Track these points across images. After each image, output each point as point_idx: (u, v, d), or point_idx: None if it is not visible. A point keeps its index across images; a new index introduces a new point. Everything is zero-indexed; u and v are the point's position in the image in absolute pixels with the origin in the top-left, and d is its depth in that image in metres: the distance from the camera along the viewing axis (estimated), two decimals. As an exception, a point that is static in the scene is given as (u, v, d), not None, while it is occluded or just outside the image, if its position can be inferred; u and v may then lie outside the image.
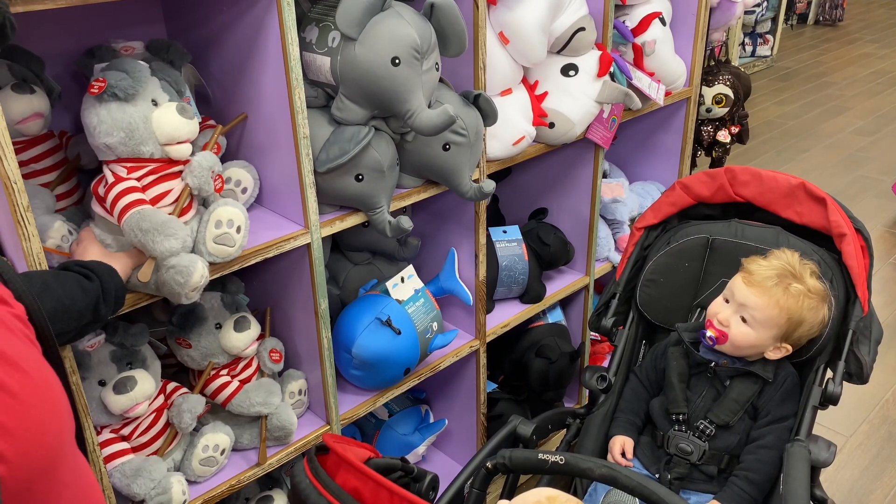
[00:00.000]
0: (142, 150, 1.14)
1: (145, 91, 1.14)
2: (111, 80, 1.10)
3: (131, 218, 1.10)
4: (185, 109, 1.17)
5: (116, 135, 1.12)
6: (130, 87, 1.11)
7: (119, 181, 1.12)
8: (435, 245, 1.81)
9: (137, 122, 1.12)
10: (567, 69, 1.75)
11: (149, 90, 1.15)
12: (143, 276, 1.11)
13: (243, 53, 1.32)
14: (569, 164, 1.99)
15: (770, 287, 1.39)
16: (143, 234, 1.08)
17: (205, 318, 1.42)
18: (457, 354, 1.78)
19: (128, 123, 1.12)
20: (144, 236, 1.09)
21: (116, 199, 1.11)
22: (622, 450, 1.52)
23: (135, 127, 1.12)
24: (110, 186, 1.12)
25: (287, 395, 1.53)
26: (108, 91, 1.10)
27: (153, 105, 1.15)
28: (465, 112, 1.47)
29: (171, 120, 1.14)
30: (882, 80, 5.93)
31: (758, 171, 1.61)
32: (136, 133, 1.12)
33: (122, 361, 1.30)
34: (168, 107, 1.16)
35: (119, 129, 1.11)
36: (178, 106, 1.16)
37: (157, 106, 1.15)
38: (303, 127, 1.29)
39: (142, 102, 1.13)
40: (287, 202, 1.40)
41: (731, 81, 2.26)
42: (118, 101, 1.11)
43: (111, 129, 1.11)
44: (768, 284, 1.39)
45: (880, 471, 2.22)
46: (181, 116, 1.15)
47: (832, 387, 1.41)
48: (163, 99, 1.17)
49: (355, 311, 1.60)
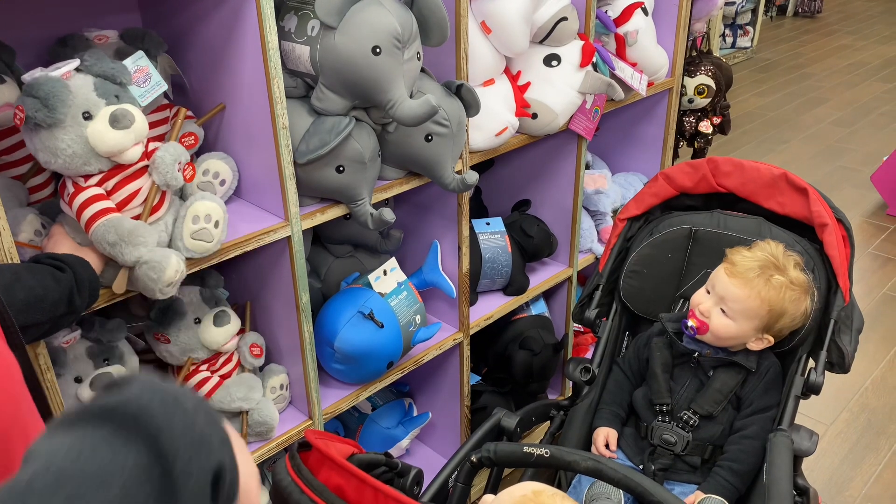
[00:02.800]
0: (87, 170, 1.09)
1: (71, 108, 1.04)
2: (28, 111, 1.00)
3: (97, 231, 1.07)
4: (118, 119, 1.06)
5: (56, 161, 1.05)
6: (48, 118, 1.02)
7: (80, 190, 1.09)
8: (418, 237, 1.79)
9: (73, 146, 1.05)
10: (549, 59, 1.73)
11: (77, 105, 1.04)
12: (118, 288, 1.09)
13: (221, 42, 1.30)
14: (551, 156, 1.98)
15: (752, 279, 1.39)
16: (111, 246, 1.06)
17: (183, 312, 1.39)
18: (440, 347, 1.77)
19: (63, 150, 1.04)
20: (113, 249, 1.06)
21: (81, 210, 1.08)
22: (606, 441, 1.52)
23: (71, 152, 1.05)
24: (73, 196, 1.09)
25: (268, 391, 1.51)
26: (29, 122, 1.02)
27: (85, 120, 1.05)
28: (447, 102, 1.45)
29: (107, 137, 1.06)
30: (860, 71, 5.98)
31: (740, 161, 1.61)
32: (75, 157, 1.06)
33: (98, 358, 1.28)
34: (101, 120, 1.06)
35: (56, 157, 1.05)
36: (111, 116, 1.06)
37: (90, 119, 1.06)
38: (282, 117, 1.27)
39: (71, 122, 1.04)
40: (266, 194, 1.38)
41: (713, 72, 2.26)
42: (46, 128, 1.03)
43: (49, 156, 1.05)
44: (750, 276, 1.39)
45: (860, 459, 2.24)
46: (116, 129, 1.06)
47: (814, 376, 1.42)
48: (97, 107, 1.06)
49: (337, 304, 1.58)
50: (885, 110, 5.10)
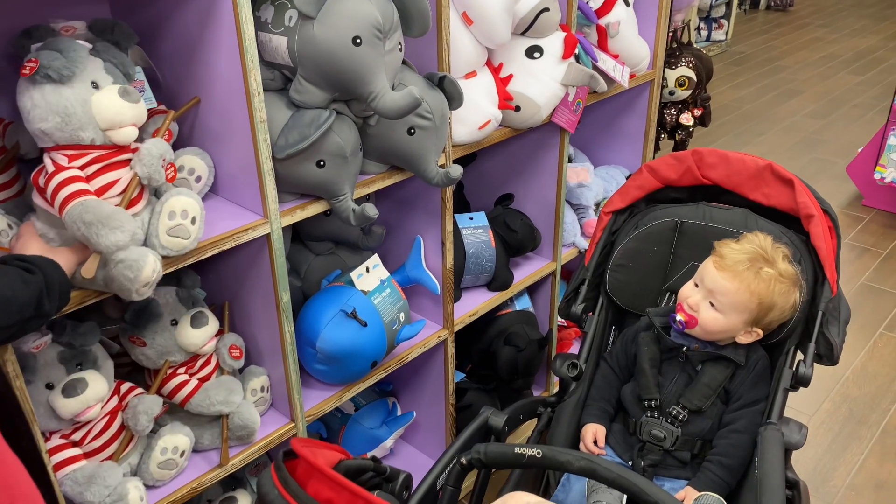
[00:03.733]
0: (81, 136, 1.06)
1: (83, 72, 1.06)
2: (44, 60, 1.02)
3: (73, 210, 1.02)
4: (129, 92, 1.09)
5: (52, 119, 1.04)
6: (65, 68, 1.03)
7: (60, 170, 1.05)
8: (400, 233, 1.76)
9: (74, 107, 1.05)
10: (532, 51, 1.71)
11: (88, 71, 1.07)
12: (87, 272, 1.04)
13: (195, 34, 1.25)
14: (534, 149, 1.95)
15: (741, 272, 1.37)
16: (87, 227, 1.01)
17: (159, 314, 1.35)
18: (425, 345, 1.73)
19: (63, 107, 1.04)
20: (88, 229, 1.01)
21: (57, 190, 1.03)
22: (594, 438, 1.50)
23: (72, 111, 1.05)
24: (50, 176, 1.05)
25: (249, 393, 1.47)
26: (41, 72, 1.02)
27: (93, 88, 1.07)
28: (430, 95, 1.41)
29: (112, 103, 1.07)
30: (832, 63, 6.04)
31: (725, 153, 1.59)
32: (73, 118, 1.05)
33: (71, 363, 1.23)
34: (109, 90, 1.08)
35: (54, 114, 1.04)
36: (121, 89, 1.08)
37: (97, 89, 1.08)
38: (259, 111, 1.22)
39: (79, 85, 1.06)
40: (244, 191, 1.33)
41: (693, 63, 2.25)
42: (53, 83, 1.03)
43: (45, 113, 1.04)
44: (739, 269, 1.37)
45: (842, 448, 2.25)
46: (123, 99, 1.08)
47: (803, 369, 1.41)
48: (105, 81, 1.09)
49: (319, 303, 1.54)
50: (857, 102, 5.15)
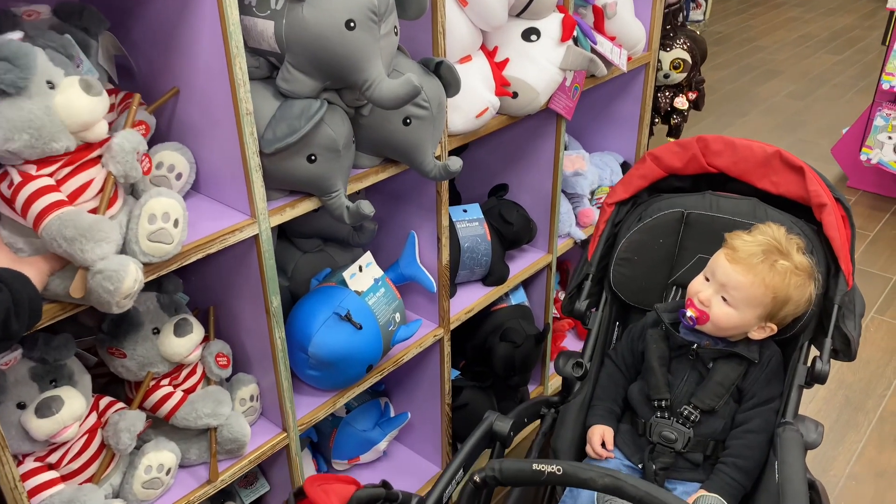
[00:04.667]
0: (54, 148, 0.95)
1: (36, 76, 0.93)
2: None
3: (51, 225, 0.92)
4: (91, 84, 0.96)
5: (20, 138, 0.91)
6: (20, 80, 0.90)
7: (28, 180, 0.94)
8: (392, 228, 1.67)
9: (41, 118, 0.92)
10: (528, 34, 1.62)
11: (40, 72, 0.93)
12: (76, 292, 0.94)
13: (172, 18, 1.14)
14: (529, 137, 1.87)
15: (755, 264, 1.31)
16: (69, 243, 0.91)
17: (140, 323, 1.25)
18: (420, 345, 1.65)
19: (29, 122, 0.91)
20: (70, 245, 0.91)
21: (28, 204, 0.93)
22: (602, 440, 1.43)
23: (40, 124, 0.92)
24: (18, 187, 0.94)
25: (237, 403, 1.38)
26: None
27: (49, 88, 0.94)
28: (426, 82, 1.32)
29: (81, 104, 0.95)
30: (809, 43, 6.02)
31: (731, 139, 1.53)
32: (43, 131, 0.93)
33: (44, 379, 1.13)
34: (70, 86, 0.95)
35: (20, 132, 0.91)
36: (82, 82, 0.95)
37: (53, 88, 0.94)
38: (245, 102, 1.13)
39: (36, 91, 0.93)
40: (229, 188, 1.23)
41: (688, 45, 2.18)
42: (9, 97, 0.90)
43: (10, 132, 0.91)
44: (753, 262, 1.31)
45: (841, 437, 2.22)
46: (89, 95, 0.95)
47: (820, 365, 1.35)
48: (57, 76, 0.96)
49: (310, 305, 1.45)
50: (837, 82, 5.14)
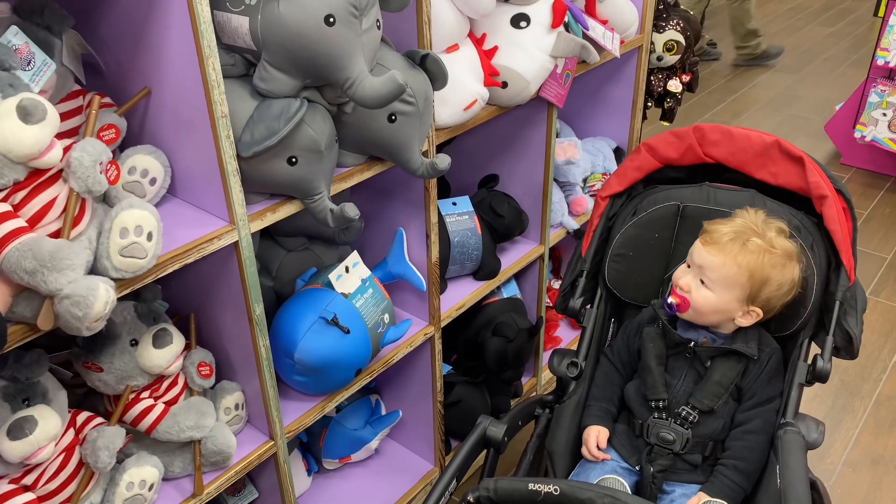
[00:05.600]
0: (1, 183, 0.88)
1: None
2: None
3: (9, 258, 0.86)
4: (31, 110, 0.86)
5: None
6: None
7: None
8: (379, 225, 1.61)
9: None
10: (518, 20, 1.56)
11: None
12: (45, 324, 0.88)
13: (140, 14, 1.08)
14: (519, 126, 1.81)
15: (725, 243, 1.30)
16: (30, 275, 0.85)
17: (117, 335, 1.19)
18: (411, 344, 1.61)
19: None
20: (32, 278, 0.85)
21: None
22: (597, 442, 1.40)
23: None
24: None
25: (222, 412, 1.33)
26: None
27: None
28: (411, 76, 1.26)
29: (23, 137, 0.86)
30: (800, 16, 5.94)
31: (728, 128, 1.48)
32: None
33: (16, 399, 1.07)
34: (7, 116, 0.86)
35: None
36: (20, 109, 0.86)
37: None
38: (220, 105, 1.06)
39: None
40: (206, 193, 1.17)
41: (682, 26, 2.11)
42: None
43: None
44: (724, 241, 1.30)
45: (837, 423, 2.20)
46: (31, 125, 0.86)
47: (821, 363, 1.32)
48: None
49: (295, 309, 1.40)
50: (829, 55, 5.07)
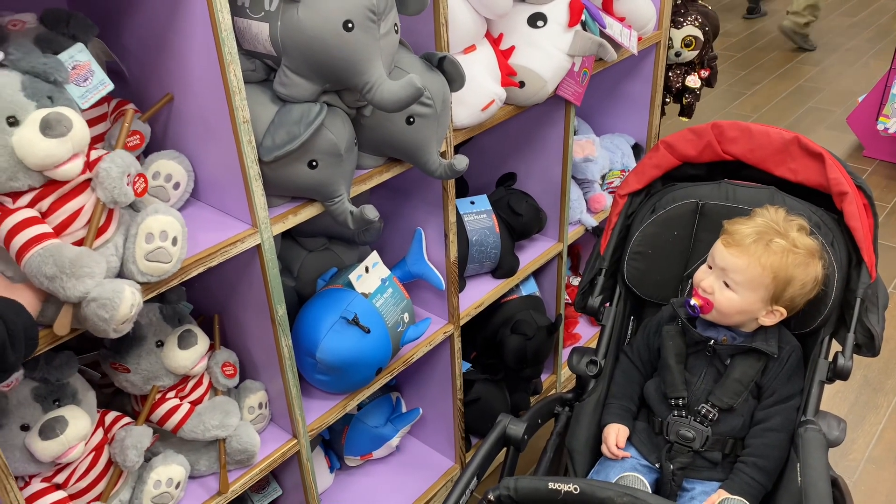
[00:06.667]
0: (15, 186, 0.90)
1: None
2: None
3: (31, 262, 0.88)
4: (52, 124, 0.89)
5: None
6: None
7: (7, 213, 0.90)
8: (398, 224, 1.63)
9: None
10: (534, 19, 1.56)
11: (3, 103, 0.88)
12: (61, 329, 0.90)
13: (163, 22, 1.10)
14: (537, 124, 1.81)
15: (749, 245, 1.29)
16: (50, 280, 0.87)
17: (143, 336, 1.22)
18: (430, 343, 1.62)
19: None
20: (52, 283, 0.88)
21: (9, 238, 0.90)
22: (617, 440, 1.40)
23: None
24: None
25: (246, 411, 1.36)
26: None
27: (10, 126, 0.88)
28: (429, 78, 1.27)
29: (37, 147, 0.89)
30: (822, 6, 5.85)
31: (747, 125, 1.47)
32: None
33: (47, 399, 1.10)
34: (30, 126, 0.89)
35: None
36: (43, 122, 0.89)
37: (15, 126, 0.88)
38: (241, 110, 1.08)
39: None
40: (229, 196, 1.19)
41: (700, 21, 2.10)
42: None
43: None
44: (747, 243, 1.29)
45: (860, 419, 2.19)
46: (48, 138, 0.89)
47: (842, 360, 1.31)
48: (24, 110, 0.89)
49: (316, 309, 1.41)
50: (850, 46, 5.01)
